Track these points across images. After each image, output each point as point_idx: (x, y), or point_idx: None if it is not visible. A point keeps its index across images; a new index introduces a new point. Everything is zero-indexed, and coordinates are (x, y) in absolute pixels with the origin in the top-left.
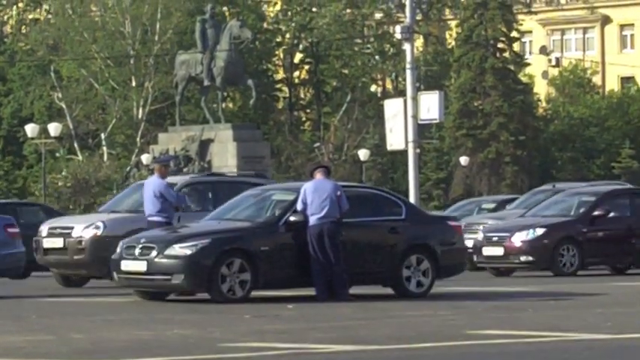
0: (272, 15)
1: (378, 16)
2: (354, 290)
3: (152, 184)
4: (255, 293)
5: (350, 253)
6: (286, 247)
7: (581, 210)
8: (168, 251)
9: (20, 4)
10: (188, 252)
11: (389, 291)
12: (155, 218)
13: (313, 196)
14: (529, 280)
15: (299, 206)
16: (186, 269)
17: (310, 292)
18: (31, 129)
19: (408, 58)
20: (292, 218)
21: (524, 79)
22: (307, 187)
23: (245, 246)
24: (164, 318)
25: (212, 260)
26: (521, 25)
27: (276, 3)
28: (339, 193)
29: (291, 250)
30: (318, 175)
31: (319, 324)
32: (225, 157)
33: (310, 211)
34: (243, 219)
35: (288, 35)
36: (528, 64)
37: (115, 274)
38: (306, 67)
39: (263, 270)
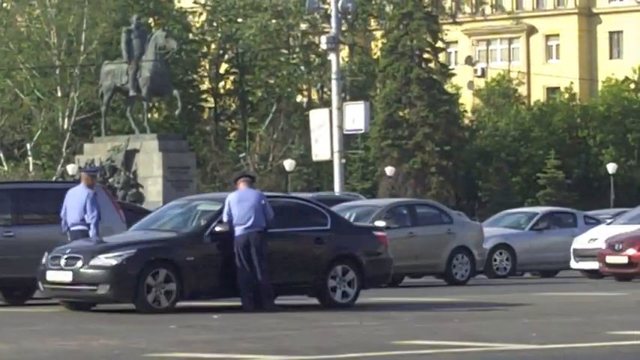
0: (198, 25)
1: (303, 26)
2: (279, 300)
3: (78, 193)
4: (181, 303)
5: (275, 263)
6: (212, 257)
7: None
8: (94, 261)
9: None
10: (113, 262)
11: (314, 301)
12: (79, 227)
13: (237, 206)
14: (454, 290)
15: (224, 218)
16: (112, 279)
17: (236, 302)
18: None
19: (334, 68)
20: (218, 228)
21: (449, 90)
22: (231, 198)
23: (171, 256)
24: (90, 328)
25: (137, 270)
26: (447, 35)
27: (201, 13)
28: (263, 202)
29: (216, 260)
30: (242, 185)
31: (245, 334)
32: (150, 168)
33: (236, 222)
34: (169, 229)
35: (213, 46)
36: (454, 75)
37: (40, 284)
38: (232, 77)
39: (189, 280)
